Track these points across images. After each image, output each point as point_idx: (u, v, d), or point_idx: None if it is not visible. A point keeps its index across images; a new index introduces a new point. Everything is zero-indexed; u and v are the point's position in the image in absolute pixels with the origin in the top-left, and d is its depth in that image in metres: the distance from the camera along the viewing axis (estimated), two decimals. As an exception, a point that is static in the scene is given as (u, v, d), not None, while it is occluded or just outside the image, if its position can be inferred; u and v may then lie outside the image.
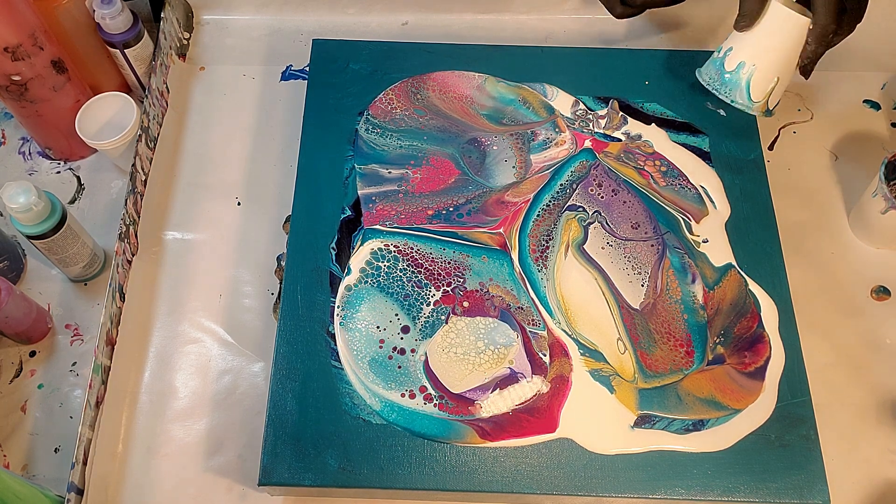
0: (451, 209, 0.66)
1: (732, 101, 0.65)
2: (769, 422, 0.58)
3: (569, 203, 0.67)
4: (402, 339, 0.61)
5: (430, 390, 0.59)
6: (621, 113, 0.71)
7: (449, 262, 0.64)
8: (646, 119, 0.71)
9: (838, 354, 0.67)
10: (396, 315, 0.62)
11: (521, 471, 0.57)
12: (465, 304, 0.62)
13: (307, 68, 0.74)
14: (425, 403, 0.58)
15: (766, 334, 0.61)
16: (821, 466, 0.57)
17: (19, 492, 0.54)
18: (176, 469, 0.62)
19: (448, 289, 0.63)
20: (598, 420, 0.58)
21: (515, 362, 0.60)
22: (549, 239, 0.65)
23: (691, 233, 0.66)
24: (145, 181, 0.71)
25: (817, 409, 0.59)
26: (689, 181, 0.68)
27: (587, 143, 0.69)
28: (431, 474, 0.57)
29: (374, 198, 0.67)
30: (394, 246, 0.64)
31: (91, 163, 0.77)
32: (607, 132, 0.70)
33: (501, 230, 0.65)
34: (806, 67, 0.64)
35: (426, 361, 0.60)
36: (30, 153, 0.78)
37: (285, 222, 0.72)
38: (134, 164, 0.69)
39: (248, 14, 0.84)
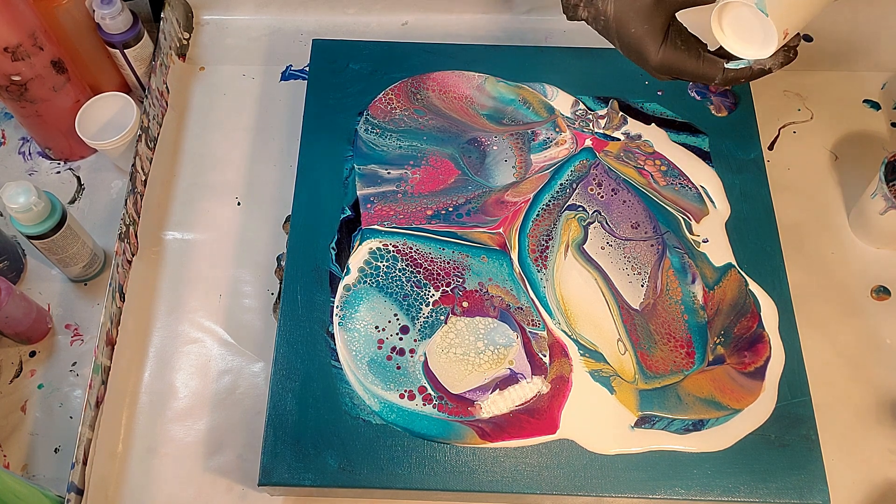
0: (450, 209, 0.66)
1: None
2: (769, 422, 0.58)
3: (568, 203, 0.67)
4: (401, 339, 0.61)
5: (430, 391, 0.59)
6: (621, 113, 0.71)
7: (448, 262, 0.64)
8: (646, 119, 0.71)
9: (838, 354, 0.67)
10: (395, 315, 0.62)
11: (521, 471, 0.57)
12: (465, 304, 0.62)
13: (307, 68, 0.74)
14: (424, 404, 0.58)
15: (766, 334, 0.61)
16: (821, 466, 0.57)
17: (19, 492, 0.54)
18: (176, 469, 0.62)
19: (447, 289, 0.63)
20: (598, 421, 0.58)
21: (515, 363, 0.60)
22: (549, 239, 0.65)
23: (691, 232, 0.66)
24: (145, 181, 0.71)
25: (817, 409, 0.59)
26: (689, 180, 0.68)
27: (588, 143, 0.69)
28: (431, 474, 0.57)
29: (372, 198, 0.67)
30: (393, 246, 0.64)
31: (91, 163, 0.77)
32: (607, 132, 0.70)
33: (501, 230, 0.65)
34: None
35: (425, 362, 0.60)
36: (30, 153, 0.78)
37: (285, 222, 0.72)
38: (134, 164, 0.69)
39: (248, 14, 0.84)
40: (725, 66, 0.55)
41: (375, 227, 0.65)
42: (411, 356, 0.60)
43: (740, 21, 0.55)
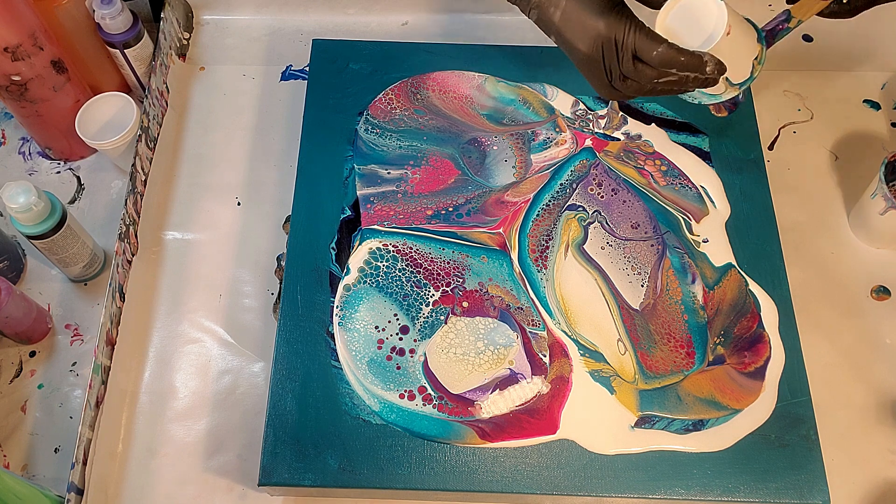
0: (450, 209, 0.66)
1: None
2: (769, 422, 0.58)
3: (569, 202, 0.67)
4: (401, 339, 0.61)
5: (430, 391, 0.59)
6: (621, 113, 0.71)
7: (448, 262, 0.64)
8: (646, 119, 0.71)
9: (838, 354, 0.67)
10: (395, 315, 0.62)
11: (521, 471, 0.57)
12: (465, 304, 0.62)
13: (307, 68, 0.75)
14: (424, 404, 0.58)
15: (766, 334, 0.61)
16: (821, 466, 0.57)
17: (19, 492, 0.54)
18: (176, 469, 0.62)
19: (447, 289, 0.63)
20: (598, 421, 0.58)
21: (515, 363, 0.60)
22: (549, 239, 0.65)
23: (691, 232, 0.66)
24: (145, 181, 0.71)
25: (817, 409, 0.59)
26: (689, 180, 0.68)
27: (588, 143, 0.69)
28: (431, 474, 0.57)
29: (372, 198, 0.67)
30: (392, 246, 0.64)
31: (91, 163, 0.77)
32: (607, 132, 0.70)
33: (501, 230, 0.65)
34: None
35: (425, 362, 0.60)
36: (30, 153, 0.78)
37: (285, 222, 0.72)
38: (134, 164, 0.69)
39: (248, 14, 0.84)
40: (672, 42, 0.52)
41: (375, 227, 0.65)
42: (411, 356, 0.60)
43: (686, 17, 0.55)
